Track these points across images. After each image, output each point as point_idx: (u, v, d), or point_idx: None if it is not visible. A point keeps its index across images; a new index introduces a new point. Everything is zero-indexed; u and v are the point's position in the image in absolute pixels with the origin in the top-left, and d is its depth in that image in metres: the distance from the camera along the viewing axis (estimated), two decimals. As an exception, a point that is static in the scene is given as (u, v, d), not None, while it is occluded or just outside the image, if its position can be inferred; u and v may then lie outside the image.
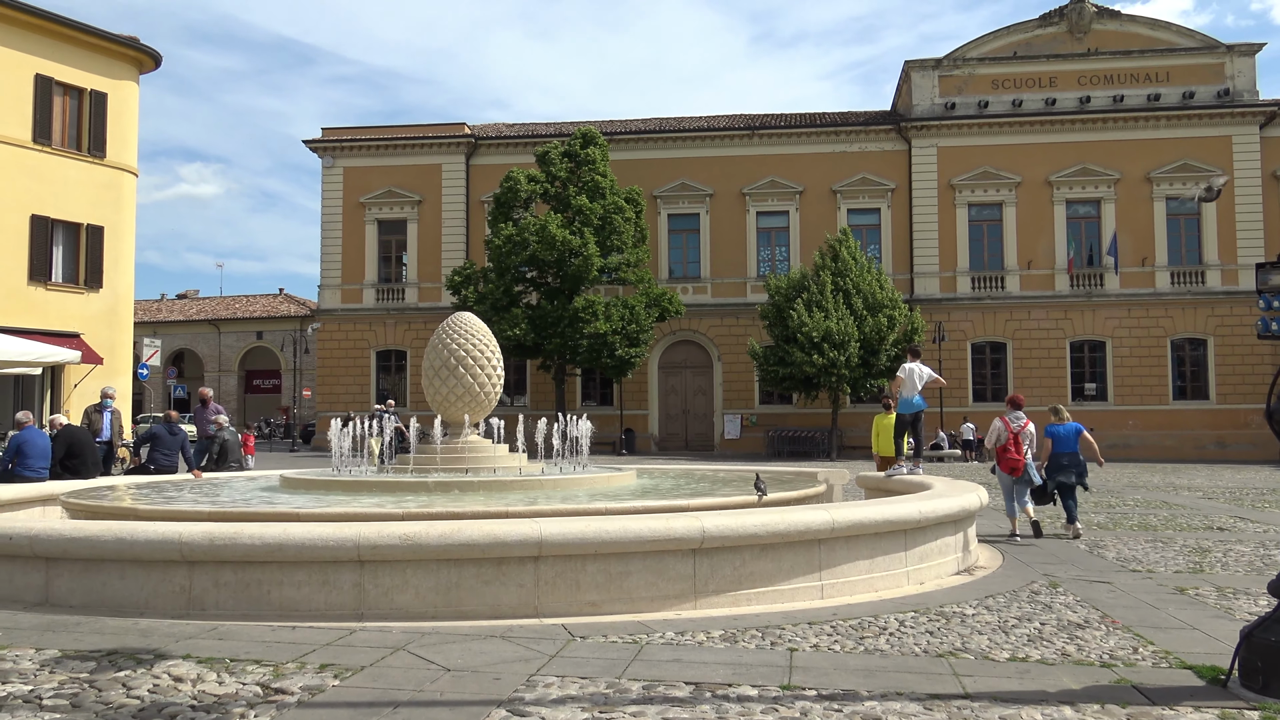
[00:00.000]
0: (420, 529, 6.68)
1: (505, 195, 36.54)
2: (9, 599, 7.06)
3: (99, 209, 27.21)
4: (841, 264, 34.97)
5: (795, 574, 7.49)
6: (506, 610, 6.74)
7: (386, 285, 42.97)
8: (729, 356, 40.33)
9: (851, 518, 7.79)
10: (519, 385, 40.65)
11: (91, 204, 27.03)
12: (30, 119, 25.77)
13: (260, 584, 6.68)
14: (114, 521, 7.51)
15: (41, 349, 19.37)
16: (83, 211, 26.84)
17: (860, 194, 40.69)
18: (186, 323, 61.42)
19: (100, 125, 27.29)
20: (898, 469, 12.61)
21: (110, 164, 27.53)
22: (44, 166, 26.04)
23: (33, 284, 25.73)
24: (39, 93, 25.94)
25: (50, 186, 26.10)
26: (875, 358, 34.09)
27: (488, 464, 11.46)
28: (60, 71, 26.41)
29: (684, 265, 41.78)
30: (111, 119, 27.56)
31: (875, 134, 40.77)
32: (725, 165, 41.05)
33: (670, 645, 6.08)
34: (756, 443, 38.90)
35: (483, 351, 11.76)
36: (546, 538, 6.73)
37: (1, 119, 25.17)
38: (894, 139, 40.63)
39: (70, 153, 26.70)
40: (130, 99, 28.24)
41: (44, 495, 11.25)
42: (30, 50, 25.76)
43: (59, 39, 26.41)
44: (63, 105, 26.70)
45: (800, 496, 10.34)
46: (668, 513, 7.82)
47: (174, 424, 15.11)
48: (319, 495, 10.02)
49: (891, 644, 6.19)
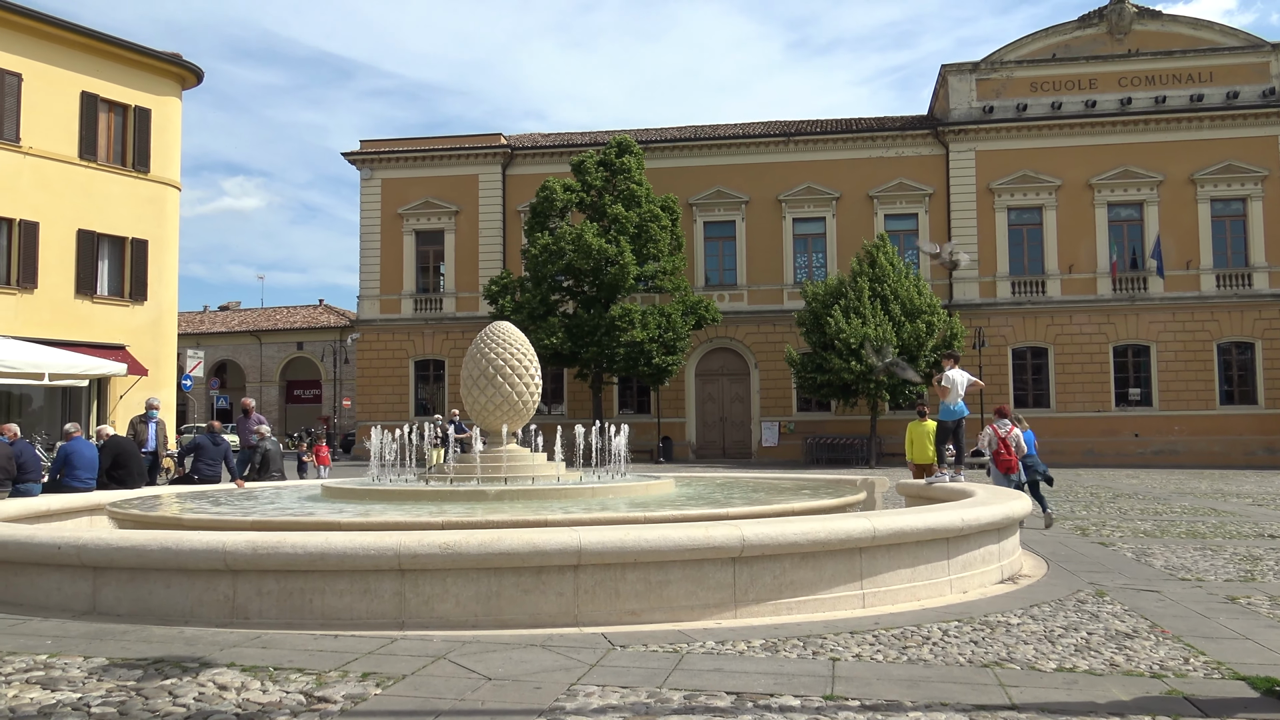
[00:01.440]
0: (460, 538, 6.70)
1: (541, 205, 36.69)
2: (58, 608, 7.17)
3: (143, 223, 27.66)
4: (879, 270, 34.74)
5: (836, 583, 7.42)
6: (546, 619, 6.74)
7: (424, 295, 43.28)
8: (766, 364, 40.19)
9: (893, 526, 7.71)
10: (556, 394, 40.75)
11: (136, 218, 27.48)
12: (77, 136, 26.26)
13: (302, 593, 6.72)
14: (159, 531, 7.60)
15: (88, 361, 19.71)
16: (127, 226, 27.29)
17: (897, 199, 40.42)
18: (228, 334, 62.23)
19: (144, 141, 27.75)
20: (939, 476, 12.49)
21: (154, 179, 27.97)
22: (90, 182, 26.51)
23: (79, 297, 26.19)
24: (85, 110, 26.44)
25: (96, 202, 26.58)
26: (914, 364, 33.77)
27: (526, 473, 11.47)
28: (105, 89, 26.90)
29: (720, 273, 41.70)
30: (155, 134, 28.01)
31: (912, 139, 40.51)
32: (761, 172, 40.96)
33: (711, 654, 6.05)
34: (794, 450, 38.70)
35: (521, 361, 11.79)
36: (586, 546, 6.72)
37: (49, 136, 25.68)
38: (931, 143, 40.35)
39: (115, 168, 27.17)
40: (173, 114, 28.70)
41: (91, 505, 11.43)
42: (76, 68, 26.27)
43: (104, 57, 26.91)
44: (108, 122, 27.19)
45: (840, 504, 10.26)
46: (707, 521, 7.79)
47: (217, 434, 15.28)
48: (360, 504, 10.08)
49: (935, 654, 6.12)
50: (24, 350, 18.54)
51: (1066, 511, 16.48)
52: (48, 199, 25.52)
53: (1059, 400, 38.43)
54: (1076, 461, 36.20)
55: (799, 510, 9.39)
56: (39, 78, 25.47)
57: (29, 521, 9.88)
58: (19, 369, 18.02)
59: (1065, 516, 15.47)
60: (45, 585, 7.34)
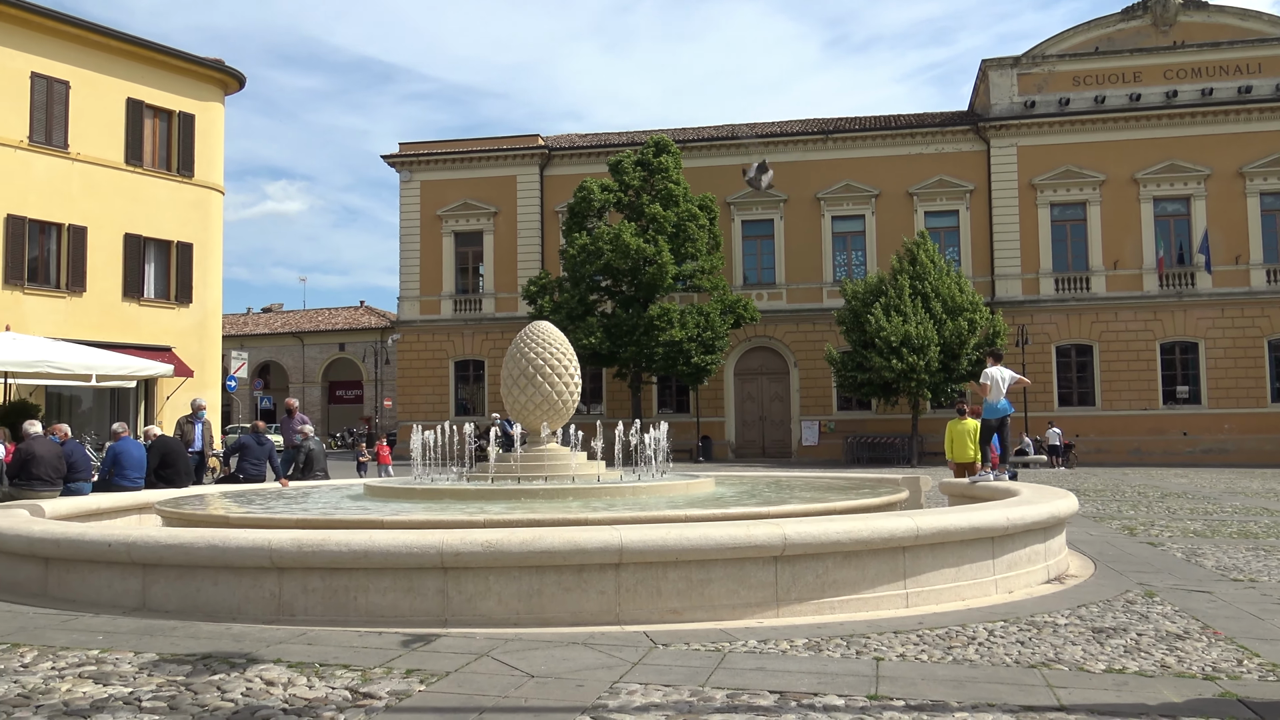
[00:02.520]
0: (502, 536, 6.73)
1: (579, 205, 36.77)
2: (109, 604, 7.29)
3: (188, 227, 28.10)
4: (920, 267, 34.44)
5: (879, 582, 7.37)
6: (588, 617, 6.74)
7: (464, 296, 43.55)
8: (805, 362, 40.00)
9: (937, 525, 7.64)
10: (595, 393, 40.81)
11: (181, 222, 27.93)
12: (123, 141, 26.76)
13: (347, 590, 6.79)
14: (207, 529, 7.71)
15: (136, 363, 20.05)
16: (173, 229, 27.74)
17: (938, 196, 40.07)
18: (271, 335, 63.01)
19: (188, 146, 28.20)
20: (984, 475, 12.36)
21: (198, 183, 28.41)
22: (136, 187, 26.99)
23: (127, 300, 26.67)
24: (131, 116, 26.91)
25: (142, 206, 27.04)
26: (956, 362, 33.49)
27: (566, 471, 11.50)
28: (150, 95, 27.37)
29: (759, 271, 41.58)
30: (199, 139, 28.46)
31: (952, 135, 40.13)
32: (799, 170, 40.77)
33: (753, 653, 6.02)
34: (835, 449, 38.49)
35: (560, 360, 11.82)
36: (627, 545, 6.72)
37: (96, 142, 26.18)
38: (972, 139, 39.95)
39: (160, 173, 27.63)
40: (216, 120, 29.12)
41: (140, 504, 11.62)
42: (122, 75, 26.75)
43: (148, 64, 27.37)
44: (153, 127, 27.66)
45: (882, 503, 10.17)
46: (749, 520, 7.76)
47: (261, 434, 15.47)
48: (402, 503, 10.16)
49: (981, 654, 6.05)
50: (73, 352, 18.90)
51: (1113, 511, 16.24)
52: (95, 204, 26.02)
53: (1104, 398, 37.89)
54: (1123, 460, 35.67)
55: (841, 509, 9.32)
56: (86, 85, 25.97)
57: (80, 520, 10.06)
58: (69, 370, 18.37)
59: (1112, 516, 15.26)
60: (96, 582, 7.47)
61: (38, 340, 19.19)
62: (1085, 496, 19.09)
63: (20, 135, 24.67)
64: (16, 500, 10.99)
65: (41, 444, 12.34)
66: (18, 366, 17.61)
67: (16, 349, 17.65)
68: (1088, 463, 34.98)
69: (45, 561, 7.82)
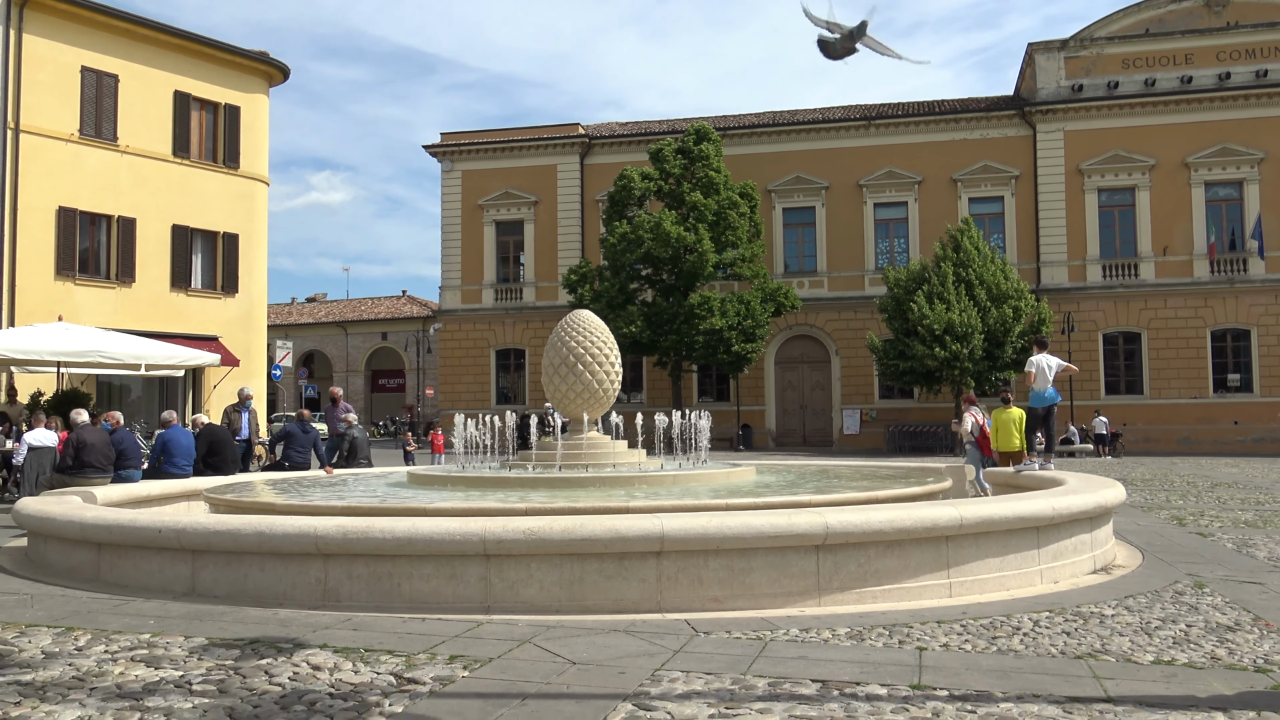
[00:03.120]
0: (544, 524, 6.77)
1: (619, 193, 36.78)
2: (159, 589, 7.43)
3: (234, 218, 28.47)
4: (963, 254, 34.09)
5: (922, 571, 7.32)
6: (629, 605, 6.77)
7: (505, 285, 43.76)
8: (847, 351, 39.77)
9: (981, 514, 7.57)
10: (635, 382, 40.88)
11: (227, 213, 28.31)
12: (170, 133, 27.15)
13: (391, 576, 6.86)
14: (254, 516, 7.82)
15: (185, 352, 20.35)
16: (219, 220, 28.12)
17: (982, 182, 39.60)
18: (315, 325, 63.73)
19: (234, 137, 28.55)
20: (1029, 464, 12.23)
21: (244, 174, 28.77)
22: (184, 178, 27.38)
23: (174, 290, 27.10)
24: (178, 108, 27.30)
25: (189, 198, 27.44)
26: (1000, 350, 33.15)
27: (607, 460, 11.53)
28: (196, 87, 27.73)
29: (800, 259, 41.37)
30: (244, 131, 28.80)
31: (997, 120, 39.61)
32: (841, 157, 40.47)
33: (795, 642, 6.01)
34: (876, 438, 38.26)
35: (601, 349, 11.84)
36: (668, 533, 6.73)
37: (145, 135, 26.58)
38: (1017, 124, 39.40)
39: (207, 164, 28.00)
40: (261, 111, 29.44)
41: (188, 491, 11.82)
42: (169, 68, 27.12)
43: (195, 56, 27.72)
44: (199, 119, 28.03)
45: (925, 492, 10.11)
46: (790, 508, 7.74)
47: (306, 422, 15.66)
48: (445, 491, 10.25)
49: (1026, 644, 5.99)
50: (123, 342, 19.21)
51: (1161, 500, 15.99)
52: (144, 196, 26.44)
53: (1153, 386, 37.29)
54: (1172, 450, 35.10)
55: (883, 498, 9.28)
56: (135, 79, 26.36)
57: (130, 506, 10.25)
58: (119, 360, 18.69)
59: (1160, 506, 15.02)
60: (147, 568, 7.62)
61: (89, 330, 19.52)
62: (1133, 486, 18.81)
63: (71, 129, 25.10)
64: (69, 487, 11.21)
65: (91, 432, 12.58)
66: (70, 356, 17.94)
67: (69, 339, 17.96)
68: (1135, 452, 34.47)
69: (98, 547, 7.99)
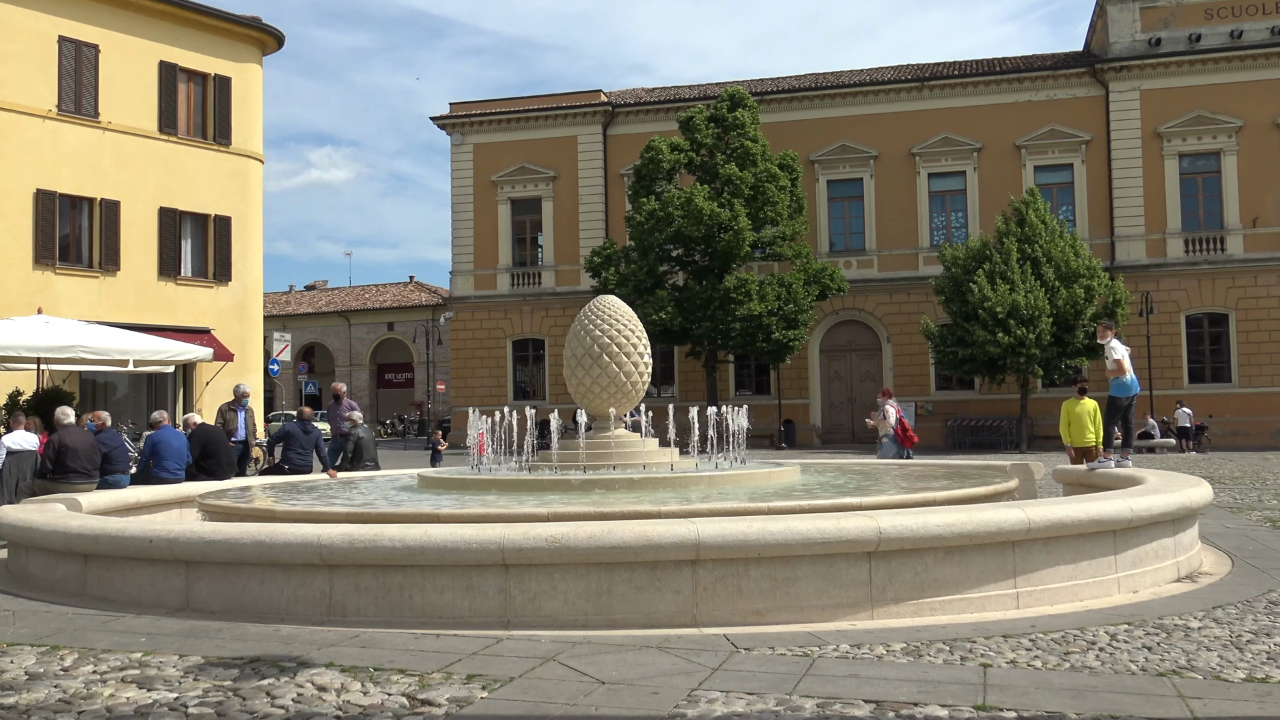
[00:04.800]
0: (568, 530, 6.79)
1: (646, 167, 36.77)
2: (151, 604, 7.53)
3: (226, 199, 28.71)
4: (1029, 229, 33.83)
5: (986, 580, 7.29)
6: (662, 618, 6.78)
7: (521, 269, 43.89)
8: (900, 337, 39.60)
9: (1050, 516, 7.53)
10: (666, 374, 40.91)
11: (219, 194, 28.54)
12: (156, 108, 27.39)
13: (402, 589, 6.92)
14: (252, 524, 7.91)
15: (175, 346, 20.50)
16: (210, 202, 28.36)
17: (1049, 149, 39.27)
18: (315, 315, 64.21)
19: (225, 111, 28.76)
20: (1104, 461, 12.14)
21: (236, 151, 28.99)
22: (171, 157, 27.63)
23: (163, 279, 27.37)
24: (164, 81, 27.53)
25: (177, 178, 27.68)
26: (1070, 335, 32.88)
27: (636, 460, 11.55)
28: (183, 57, 27.95)
29: (846, 237, 41.22)
30: (236, 104, 29.01)
31: (1065, 79, 39.24)
32: (891, 123, 40.24)
33: (845, 659, 6.01)
34: (933, 434, 38.08)
35: (628, 338, 11.85)
36: (704, 539, 6.74)
37: (128, 110, 26.83)
38: (1088, 83, 39.02)
39: (196, 141, 28.24)
40: (254, 82, 29.65)
41: (180, 497, 11.95)
42: (154, 37, 27.34)
43: (181, 24, 27.94)
44: (187, 92, 28.27)
45: (989, 493, 10.06)
46: (839, 512, 7.73)
47: (308, 422, 15.80)
48: (459, 495, 10.31)
49: (1102, 660, 5.96)
50: (108, 335, 19.37)
51: (1253, 500, 15.82)
52: (129, 176, 26.70)
53: (1242, 373, 36.87)
54: (1264, 444, 34.67)
55: (942, 500, 9.26)
56: (116, 49, 26.60)
57: (118, 514, 10.37)
58: (104, 355, 18.83)
59: (1251, 506, 14.87)
60: (138, 580, 7.72)
61: (71, 323, 19.72)
62: (1220, 485, 18.62)
63: (48, 104, 25.38)
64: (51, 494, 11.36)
65: (75, 434, 12.74)
66: (51, 352, 18.08)
67: (49, 333, 18.10)
68: (1222, 446, 34.09)
69: (84, 559, 8.10)
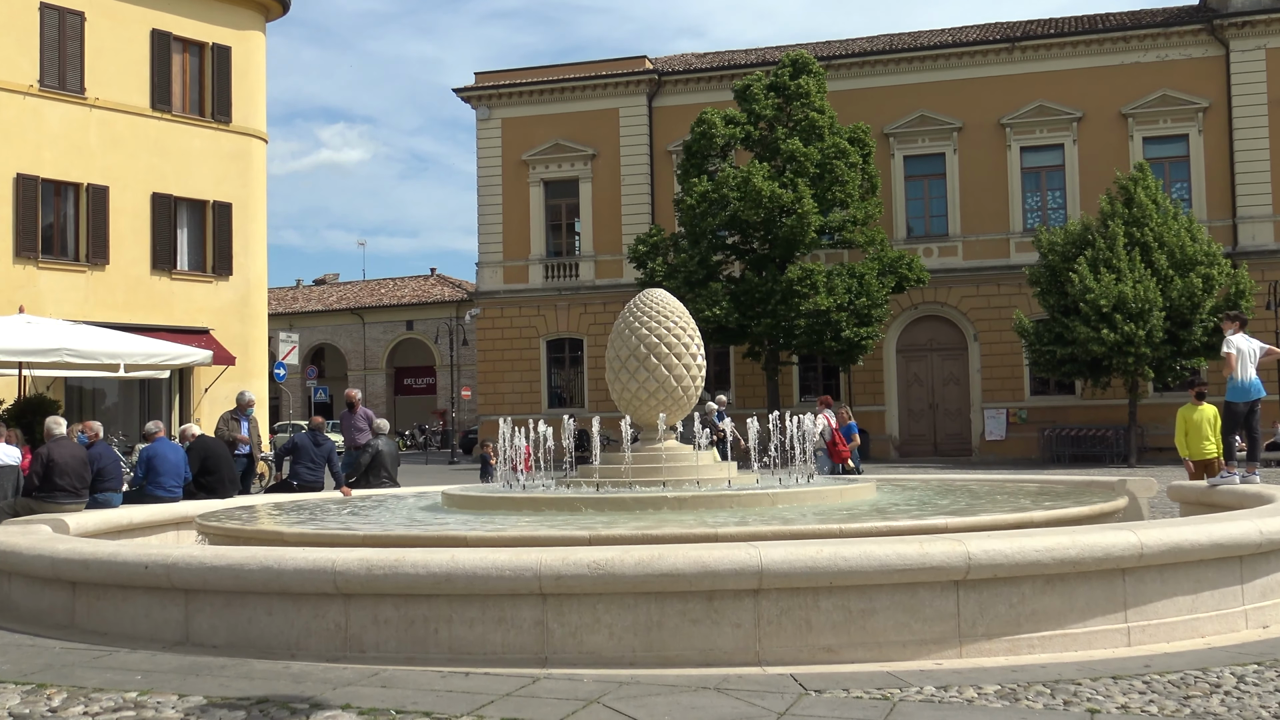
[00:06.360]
0: (613, 555, 6.81)
1: (697, 143, 36.75)
2: (147, 637, 7.63)
3: (226, 183, 29.04)
4: (1137, 210, 33.43)
5: (1092, 613, 7.23)
6: (720, 656, 6.78)
7: (556, 260, 44.05)
8: (989, 335, 39.29)
9: (1166, 540, 7.43)
10: (721, 377, 40.85)
11: (218, 177, 28.88)
12: (148, 82, 27.77)
13: (426, 621, 6.96)
14: (258, 548, 7.99)
15: (171, 349, 20.70)
16: (208, 187, 28.71)
17: (1160, 117, 38.83)
18: (326, 313, 64.86)
19: (224, 85, 29.10)
20: (1227, 476, 11.98)
21: (237, 130, 29.33)
22: (164, 137, 27.99)
23: (156, 273, 27.74)
24: (156, 51, 27.90)
25: (171, 160, 28.04)
26: (1187, 331, 32.45)
27: (689, 474, 11.56)
28: (178, 25, 28.31)
29: (926, 221, 41.00)
30: (236, 77, 29.34)
31: (1179, 37, 38.77)
32: (977, 90, 39.96)
33: (931, 703, 5.98)
34: (1028, 444, 37.77)
35: (679, 337, 11.85)
36: (768, 566, 6.73)
37: (117, 85, 27.20)
38: (1205, 42, 38.53)
39: (192, 119, 28.61)
40: (256, 52, 30.01)
41: (178, 517, 12.12)
42: (144, 3, 27.75)
43: (175, -14, 28.31)
44: (182, 64, 28.64)
45: (1094, 513, 9.98)
46: (921, 535, 7.70)
47: (319, 433, 15.93)
48: (488, 515, 10.36)
49: (1228, 706, 5.88)
50: (97, 337, 19.60)
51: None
52: (118, 159, 27.08)
53: (1389, 376, 36.21)
54: None
55: (1040, 521, 9.21)
56: (104, 16, 26.99)
57: (110, 537, 10.54)
58: (93, 359, 19.03)
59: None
60: (132, 611, 7.83)
61: (55, 323, 19.99)
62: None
63: (29, 79, 25.83)
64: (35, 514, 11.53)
65: (64, 447, 12.93)
66: (33, 355, 18.29)
67: (32, 334, 18.29)
68: (1366, 460, 33.49)
69: (72, 586, 8.23)
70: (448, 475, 31.59)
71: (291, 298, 68.81)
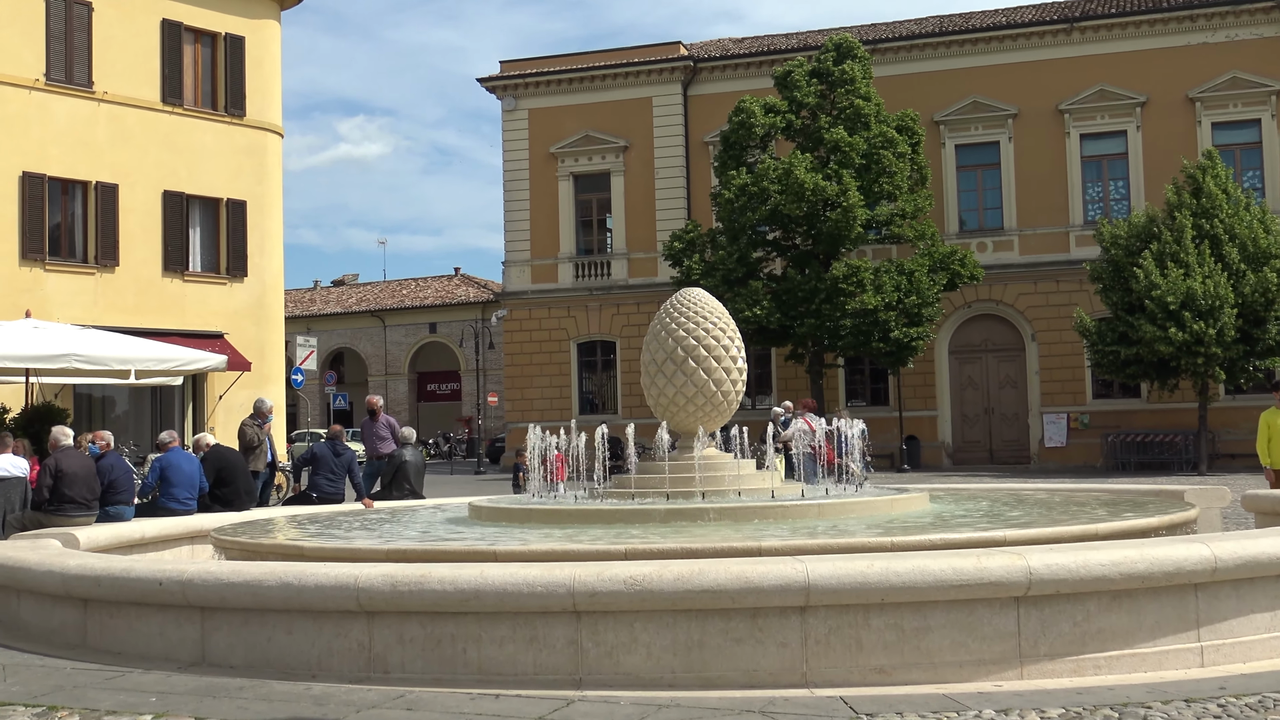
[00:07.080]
0: (650, 571, 6.80)
1: (736, 133, 36.72)
2: (161, 657, 7.69)
3: (240, 180, 29.25)
4: (1206, 200, 33.15)
5: (1162, 631, 7.17)
6: (765, 677, 6.77)
7: (587, 258, 44.10)
8: (1047, 335, 39.05)
9: (1242, 553, 7.36)
10: (762, 381, 40.77)
11: (232, 174, 29.10)
12: (158, 75, 28.00)
13: (454, 640, 6.98)
14: (277, 563, 8.04)
15: (185, 354, 20.75)
16: (222, 184, 28.92)
17: (1230, 101, 38.50)
18: (345, 315, 65.14)
19: (238, 77, 29.32)
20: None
21: (251, 123, 29.55)
22: (176, 132, 28.22)
23: (168, 275, 27.96)
24: (167, 43, 28.14)
25: (183, 156, 28.26)
26: (1261, 329, 32.15)
27: (729, 485, 11.54)
28: (189, 14, 28.55)
29: (979, 214, 40.82)
30: (251, 68, 29.56)
31: (1250, 15, 38.41)
32: (1034, 74, 39.74)
33: (990, 727, 5.95)
34: (1090, 451, 37.50)
35: (718, 339, 11.83)
36: (815, 582, 6.71)
37: (127, 78, 27.45)
38: (1278, 20, 38.14)
39: (205, 113, 28.83)
40: (271, 42, 30.22)
41: (193, 531, 12.22)
42: (154, -9, 27.94)
43: (186, -25, 28.56)
44: (194, 56, 28.87)
45: (1163, 524, 9.90)
46: (978, 548, 7.65)
47: (339, 442, 16.02)
48: (518, 528, 10.39)
49: (1311, 730, 5.83)
50: (107, 342, 19.65)
51: None
52: (128, 155, 27.32)
53: None
54: None
55: (1105, 533, 9.16)
56: (112, 6, 27.25)
57: (122, 551, 10.64)
58: (102, 365, 19.12)
59: None
60: (146, 630, 7.89)
61: (63, 328, 20.10)
62: None
63: (35, 73, 26.10)
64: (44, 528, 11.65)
65: (73, 458, 13.07)
66: (40, 361, 18.39)
67: (38, 340, 18.35)
68: None
69: (84, 604, 8.30)
70: (474, 486, 31.68)
71: (309, 299, 69.19)
